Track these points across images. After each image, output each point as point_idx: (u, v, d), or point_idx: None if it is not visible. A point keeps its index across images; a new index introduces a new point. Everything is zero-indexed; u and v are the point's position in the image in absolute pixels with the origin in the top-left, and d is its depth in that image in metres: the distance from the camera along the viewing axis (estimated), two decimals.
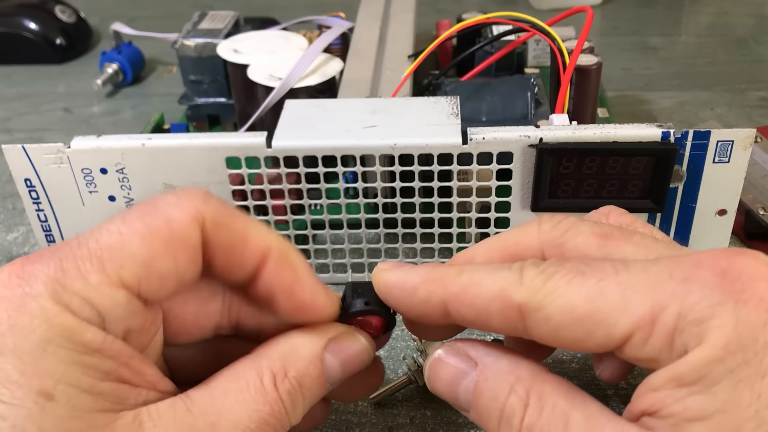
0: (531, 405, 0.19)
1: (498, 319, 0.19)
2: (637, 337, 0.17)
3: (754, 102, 0.49)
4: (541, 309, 0.18)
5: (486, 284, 0.19)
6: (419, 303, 0.21)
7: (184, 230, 0.19)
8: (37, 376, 0.17)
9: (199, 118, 0.45)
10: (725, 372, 0.16)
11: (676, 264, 0.17)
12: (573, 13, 0.36)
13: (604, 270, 0.18)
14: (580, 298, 0.18)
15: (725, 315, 0.16)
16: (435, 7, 0.69)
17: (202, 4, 0.71)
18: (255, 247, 0.20)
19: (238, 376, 0.20)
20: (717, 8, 0.68)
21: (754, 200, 0.35)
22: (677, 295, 0.17)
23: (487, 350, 0.20)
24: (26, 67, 0.60)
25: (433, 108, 0.31)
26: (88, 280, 0.18)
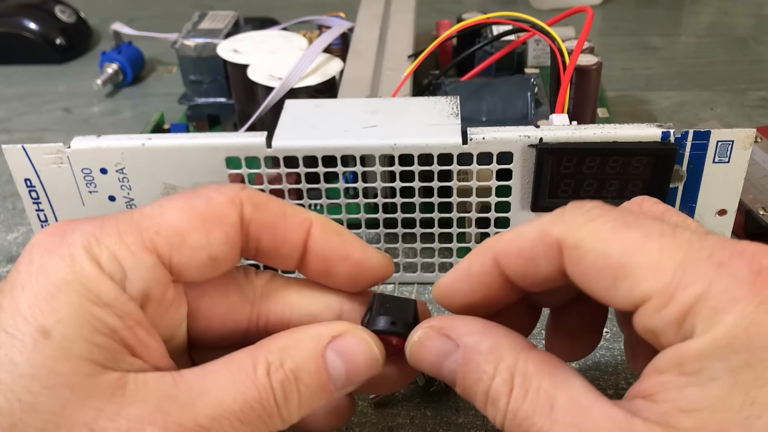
0: (515, 388, 0.18)
1: (544, 262, 0.19)
2: (654, 302, 0.17)
3: (754, 102, 0.49)
4: (577, 247, 0.18)
5: (528, 230, 0.20)
6: (478, 277, 0.21)
7: (221, 209, 0.20)
8: (42, 312, 0.18)
9: (199, 118, 0.45)
10: (724, 369, 0.16)
11: (720, 246, 0.17)
12: (573, 13, 0.36)
13: (652, 227, 0.18)
14: (618, 246, 0.17)
15: (742, 313, 0.16)
16: (435, 7, 0.69)
17: (202, 4, 0.71)
18: (296, 221, 0.21)
19: (233, 361, 0.20)
20: (717, 8, 0.68)
21: (754, 200, 0.35)
22: (707, 277, 0.16)
23: (467, 329, 0.20)
24: (26, 67, 0.60)
25: (433, 108, 0.31)
26: (122, 239, 0.19)
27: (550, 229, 0.19)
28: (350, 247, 0.22)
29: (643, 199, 0.22)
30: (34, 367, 0.17)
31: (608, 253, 0.18)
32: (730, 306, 0.16)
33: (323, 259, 0.21)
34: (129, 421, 0.18)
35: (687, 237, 0.17)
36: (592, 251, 0.18)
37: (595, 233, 0.18)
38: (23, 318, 0.18)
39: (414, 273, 0.33)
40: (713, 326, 0.16)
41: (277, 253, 0.21)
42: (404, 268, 0.34)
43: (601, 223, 0.18)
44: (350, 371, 0.20)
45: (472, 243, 0.32)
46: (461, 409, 0.27)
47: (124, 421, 0.18)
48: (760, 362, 0.15)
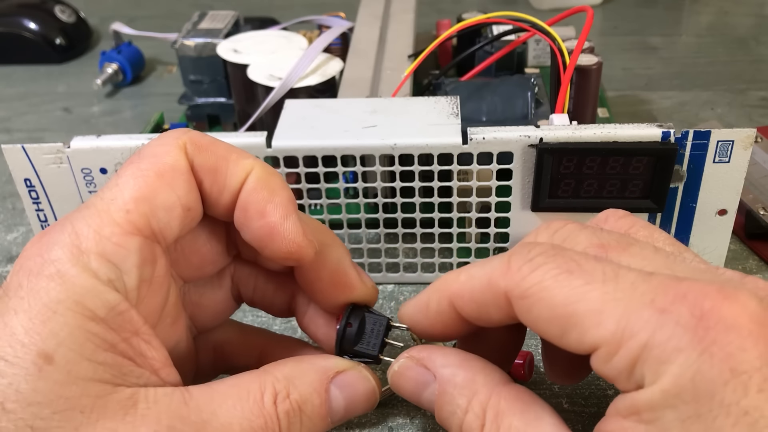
0: (487, 424, 0.19)
1: (493, 308, 0.19)
2: (603, 351, 0.17)
3: (754, 102, 0.49)
4: (524, 298, 0.18)
5: (478, 276, 0.20)
6: (434, 315, 0.21)
7: (171, 158, 0.20)
8: (41, 337, 0.17)
9: (199, 118, 0.45)
10: (675, 420, 0.16)
11: (663, 289, 0.17)
12: (573, 13, 0.36)
13: (594, 274, 0.18)
14: (562, 297, 0.18)
15: (686, 363, 0.16)
16: (435, 7, 0.69)
17: (202, 4, 0.71)
18: (238, 167, 0.21)
19: (241, 384, 0.20)
20: (717, 8, 0.68)
21: (755, 200, 0.35)
22: (650, 326, 0.16)
23: (444, 361, 0.21)
24: (26, 67, 0.60)
25: (433, 108, 0.31)
26: (101, 235, 0.18)
27: (497, 280, 0.19)
28: (272, 207, 0.21)
29: (608, 215, 0.22)
30: (42, 394, 0.17)
31: (553, 303, 0.18)
32: (674, 356, 0.16)
33: (243, 210, 0.21)
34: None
35: (630, 279, 0.17)
36: (537, 302, 0.18)
37: (538, 283, 0.18)
38: (21, 344, 0.17)
39: (414, 273, 0.33)
40: (660, 376, 0.16)
41: (215, 200, 0.21)
42: (404, 268, 0.34)
43: (545, 271, 0.18)
44: (349, 406, 0.21)
45: (472, 243, 0.32)
46: None
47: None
48: (709, 412, 0.15)
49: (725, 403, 0.15)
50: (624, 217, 0.22)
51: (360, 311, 0.23)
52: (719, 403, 0.15)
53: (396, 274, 0.33)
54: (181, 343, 0.22)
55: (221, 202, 0.21)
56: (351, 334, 0.22)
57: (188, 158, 0.20)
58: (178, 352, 0.22)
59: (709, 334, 0.16)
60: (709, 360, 0.15)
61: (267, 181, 0.21)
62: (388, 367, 0.23)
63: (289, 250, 0.21)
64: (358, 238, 0.34)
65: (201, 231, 0.22)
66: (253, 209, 0.21)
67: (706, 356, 0.16)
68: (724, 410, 0.15)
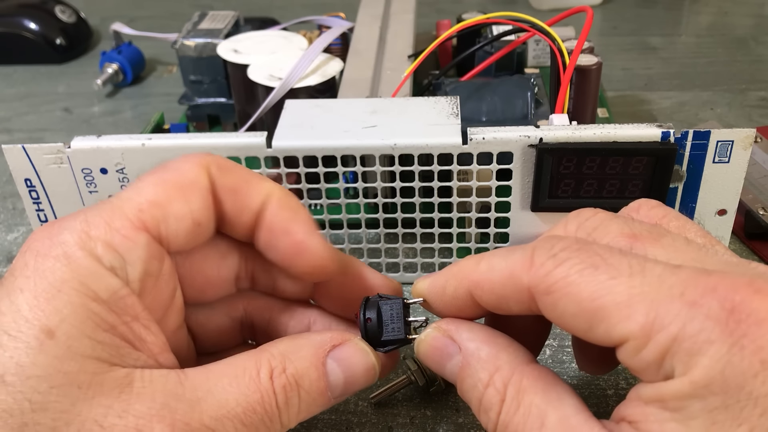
0: (507, 400, 0.19)
1: (514, 302, 0.19)
2: (631, 345, 0.17)
3: (754, 102, 0.49)
4: (549, 293, 0.18)
5: (499, 268, 0.20)
6: (450, 299, 0.21)
7: (192, 174, 0.21)
8: (44, 313, 0.18)
9: (199, 118, 0.45)
10: (703, 410, 0.16)
11: (693, 282, 0.17)
12: (573, 13, 0.36)
13: (620, 267, 0.18)
14: (588, 291, 0.17)
15: (717, 355, 0.16)
16: (435, 7, 0.69)
17: (202, 4, 0.71)
18: (257, 189, 0.22)
19: (237, 363, 0.20)
20: (717, 8, 0.68)
21: (754, 200, 0.35)
22: (680, 319, 0.16)
23: (470, 335, 0.21)
24: (26, 67, 0.60)
25: (433, 108, 0.31)
26: (111, 226, 0.19)
27: (520, 274, 0.19)
28: (296, 225, 0.21)
29: (640, 204, 0.22)
30: (42, 367, 0.17)
31: (579, 298, 0.18)
32: (705, 348, 0.16)
33: (269, 230, 0.22)
34: (137, 418, 0.18)
35: (657, 272, 0.17)
36: (563, 297, 0.18)
37: (564, 278, 0.18)
38: (25, 320, 0.18)
39: (414, 273, 0.33)
40: (691, 368, 0.16)
41: (235, 220, 0.22)
42: (404, 268, 0.34)
43: (569, 266, 0.18)
44: (348, 380, 0.21)
45: (472, 243, 0.32)
46: (461, 409, 0.27)
47: (133, 417, 0.18)
48: (737, 403, 0.16)
49: (754, 394, 0.15)
50: (657, 207, 0.22)
51: (373, 302, 0.22)
52: (747, 394, 0.15)
53: (396, 274, 0.33)
54: (181, 336, 0.23)
55: (242, 221, 0.22)
56: (373, 328, 0.22)
57: (210, 178, 0.21)
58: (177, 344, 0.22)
59: (740, 327, 0.16)
60: (740, 352, 0.16)
61: (288, 201, 0.22)
62: None
63: (316, 264, 0.22)
64: (358, 238, 0.34)
65: (209, 254, 0.23)
66: (279, 228, 0.21)
67: (737, 349, 0.16)
68: (753, 401, 0.15)
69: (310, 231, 0.22)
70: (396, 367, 0.25)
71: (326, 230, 0.32)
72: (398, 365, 0.29)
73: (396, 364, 0.24)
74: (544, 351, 0.30)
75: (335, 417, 0.27)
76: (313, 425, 0.27)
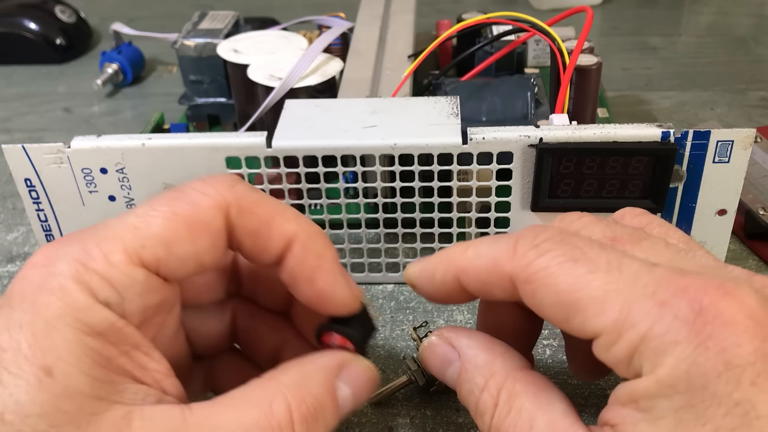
0: (500, 404, 0.20)
1: (497, 289, 0.20)
2: (604, 339, 0.18)
3: (754, 102, 0.49)
4: (529, 283, 0.19)
5: (485, 255, 0.20)
6: (439, 284, 0.22)
7: (207, 215, 0.19)
8: (42, 351, 0.17)
9: (199, 118, 0.45)
10: (669, 409, 0.16)
11: (666, 282, 0.17)
12: (573, 13, 0.36)
13: (598, 262, 0.18)
14: (566, 284, 0.18)
15: (682, 355, 0.16)
16: (435, 7, 0.69)
17: (202, 4, 0.71)
18: (281, 233, 0.21)
19: (244, 395, 0.19)
20: (717, 8, 0.68)
21: (754, 200, 0.35)
22: (650, 318, 0.17)
23: (469, 342, 0.21)
24: (26, 67, 0.60)
25: (433, 108, 0.31)
26: (109, 260, 0.18)
27: (503, 263, 0.19)
28: (320, 273, 0.21)
29: (625, 212, 0.23)
30: (40, 406, 0.17)
31: (557, 290, 0.18)
32: (671, 348, 0.16)
33: (292, 275, 0.21)
34: None
35: (634, 269, 0.18)
36: (542, 287, 0.19)
37: (544, 269, 0.19)
38: (25, 357, 0.17)
39: None
40: (657, 366, 0.17)
41: (253, 257, 0.21)
42: (404, 268, 0.33)
43: (550, 258, 0.19)
44: (356, 397, 0.21)
45: None
46: (461, 409, 0.27)
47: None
48: (701, 402, 0.16)
49: (717, 394, 0.16)
50: (640, 215, 0.22)
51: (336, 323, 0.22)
52: (711, 395, 0.16)
53: (396, 274, 0.33)
54: (181, 362, 0.22)
55: (261, 261, 0.21)
56: (358, 341, 0.22)
57: (228, 220, 0.20)
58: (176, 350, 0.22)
59: (705, 329, 0.16)
60: (704, 353, 0.16)
61: (313, 247, 0.21)
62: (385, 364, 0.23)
63: (339, 309, 0.22)
64: (358, 238, 0.34)
65: None
66: (302, 277, 0.21)
67: (702, 349, 0.16)
68: (716, 401, 0.16)
69: (335, 279, 0.21)
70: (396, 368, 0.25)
71: (326, 230, 0.32)
72: (398, 365, 0.30)
73: None
74: (544, 351, 0.30)
75: None
76: None
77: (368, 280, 0.34)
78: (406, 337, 0.31)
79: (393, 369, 0.29)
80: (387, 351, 0.30)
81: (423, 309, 0.32)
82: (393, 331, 0.31)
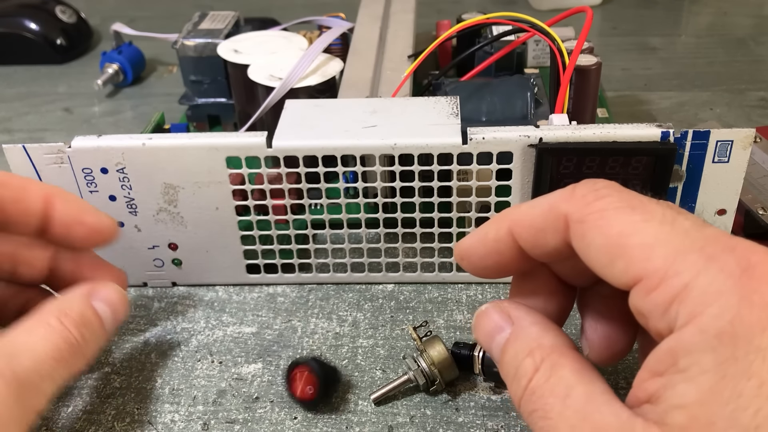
0: (541, 371, 0.20)
1: (551, 233, 0.20)
2: (644, 285, 0.18)
3: (753, 102, 0.49)
4: (582, 222, 0.19)
5: (540, 203, 0.21)
6: (492, 243, 0.22)
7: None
8: None
9: (200, 118, 0.45)
10: (713, 362, 0.16)
11: (714, 240, 0.17)
12: (573, 13, 0.37)
13: (654, 213, 0.18)
14: (619, 227, 0.18)
15: (726, 305, 0.16)
16: (435, 7, 0.69)
17: (202, 5, 0.71)
18: (37, 194, 0.26)
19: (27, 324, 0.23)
20: (717, 8, 0.68)
21: (754, 200, 0.35)
22: (695, 268, 0.17)
23: (526, 315, 0.22)
24: (27, 68, 0.60)
25: (433, 108, 0.31)
26: None
27: (560, 203, 0.20)
28: (86, 214, 0.27)
29: None
30: None
31: (609, 232, 0.18)
32: (715, 297, 0.16)
33: (64, 225, 0.26)
34: None
35: (686, 227, 0.18)
36: (594, 228, 0.19)
37: (599, 212, 0.19)
38: None
39: (414, 273, 0.33)
40: (696, 316, 0.16)
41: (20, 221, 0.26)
42: (404, 267, 0.34)
43: (608, 202, 0.19)
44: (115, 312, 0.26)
45: None
46: (461, 408, 0.27)
47: None
48: (746, 356, 0.16)
49: (763, 347, 0.16)
50: None
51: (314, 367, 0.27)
52: (757, 348, 0.16)
53: (396, 274, 0.34)
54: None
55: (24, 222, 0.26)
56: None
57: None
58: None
59: (751, 283, 0.16)
60: (749, 306, 0.16)
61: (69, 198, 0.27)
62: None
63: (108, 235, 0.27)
64: (358, 238, 0.34)
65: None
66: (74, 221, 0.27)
67: (747, 303, 0.16)
68: (761, 355, 0.16)
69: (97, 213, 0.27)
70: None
71: (326, 230, 0.32)
72: (398, 365, 0.30)
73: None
74: None
75: (335, 416, 0.27)
76: (313, 424, 0.27)
77: (368, 280, 0.34)
78: (406, 337, 0.31)
79: (393, 369, 0.29)
80: (387, 351, 0.30)
81: (423, 309, 0.32)
82: (393, 330, 0.31)
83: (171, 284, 0.34)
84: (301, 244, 0.33)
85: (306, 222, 0.32)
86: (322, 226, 0.32)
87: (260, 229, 0.32)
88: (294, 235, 0.32)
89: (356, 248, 0.33)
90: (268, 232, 0.32)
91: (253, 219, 0.32)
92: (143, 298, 0.34)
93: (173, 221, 0.32)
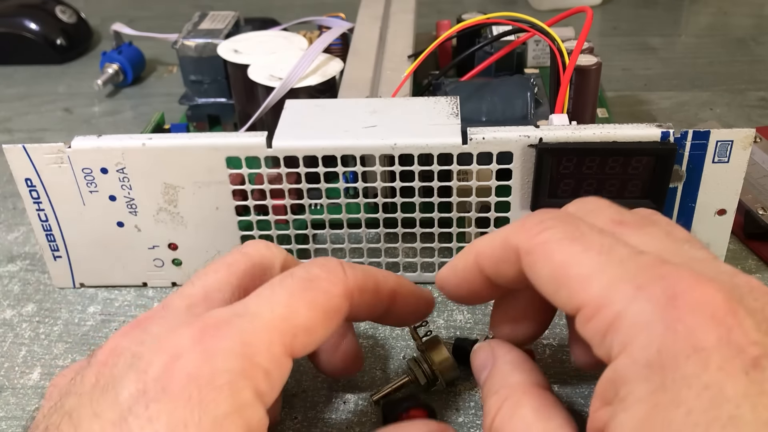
0: (503, 409, 0.21)
1: (507, 264, 0.22)
2: (584, 312, 0.19)
3: (753, 102, 0.49)
4: (529, 253, 0.20)
5: (498, 234, 0.22)
6: (461, 274, 0.24)
7: (339, 303, 0.22)
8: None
9: (200, 118, 0.45)
10: (646, 392, 0.17)
11: (647, 269, 0.18)
12: (573, 13, 0.37)
13: (592, 244, 0.19)
14: (560, 258, 0.20)
15: (652, 335, 0.17)
16: (435, 7, 0.69)
17: (202, 5, 0.71)
18: (385, 294, 0.24)
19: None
20: (717, 8, 0.68)
21: (754, 200, 0.35)
22: (626, 298, 0.18)
23: (506, 353, 0.24)
24: (27, 68, 0.60)
25: (433, 108, 0.31)
26: (271, 352, 0.20)
27: (512, 236, 0.21)
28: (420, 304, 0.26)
29: (638, 210, 0.23)
30: None
31: (553, 263, 0.20)
32: (642, 327, 0.17)
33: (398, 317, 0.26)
34: None
35: (622, 256, 0.19)
36: (540, 259, 0.20)
37: (544, 243, 0.20)
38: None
39: (414, 273, 0.33)
40: (628, 345, 0.17)
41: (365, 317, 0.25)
42: (404, 267, 0.34)
43: (551, 234, 0.20)
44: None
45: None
46: (461, 408, 0.27)
47: None
48: (673, 383, 0.16)
49: (688, 375, 0.16)
50: (652, 214, 0.23)
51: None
52: (682, 376, 0.16)
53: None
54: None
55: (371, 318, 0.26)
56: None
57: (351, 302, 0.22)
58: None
59: (675, 312, 0.17)
60: (673, 335, 0.17)
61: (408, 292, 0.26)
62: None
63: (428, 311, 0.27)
64: (358, 238, 0.34)
65: None
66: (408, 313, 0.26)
67: (671, 332, 0.17)
68: (687, 382, 0.16)
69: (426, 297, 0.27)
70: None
71: (326, 230, 0.32)
72: (398, 365, 0.30)
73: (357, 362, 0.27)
74: (544, 350, 0.30)
75: (335, 416, 0.27)
76: (314, 424, 0.27)
77: None
78: (406, 337, 0.31)
79: (393, 369, 0.29)
80: (387, 351, 0.30)
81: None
82: (393, 330, 0.31)
83: (171, 284, 0.34)
84: (301, 244, 0.33)
85: (306, 222, 0.32)
86: (322, 226, 0.32)
87: (260, 229, 0.32)
88: (294, 235, 0.32)
89: (356, 248, 0.33)
90: (268, 232, 0.32)
91: (253, 219, 0.32)
92: (143, 298, 0.34)
93: (173, 221, 0.32)
